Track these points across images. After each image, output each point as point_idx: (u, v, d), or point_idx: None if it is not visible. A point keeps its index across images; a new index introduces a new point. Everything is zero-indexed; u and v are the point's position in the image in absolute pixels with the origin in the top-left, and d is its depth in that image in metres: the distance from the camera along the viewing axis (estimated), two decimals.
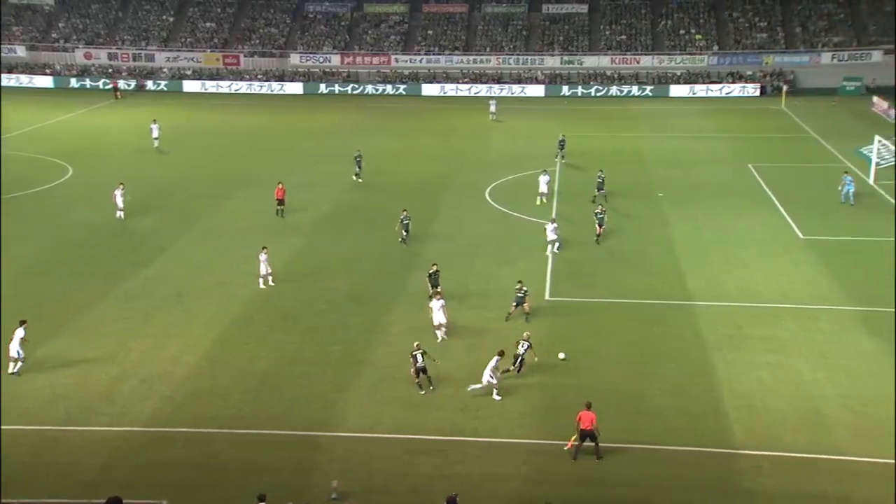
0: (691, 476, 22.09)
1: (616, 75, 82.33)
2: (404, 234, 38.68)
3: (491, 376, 25.70)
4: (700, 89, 79.66)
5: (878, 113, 68.07)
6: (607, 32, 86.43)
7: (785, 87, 76.23)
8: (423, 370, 26.13)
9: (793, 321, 30.27)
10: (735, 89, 79.29)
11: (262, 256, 34.12)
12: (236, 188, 48.58)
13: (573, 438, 22.78)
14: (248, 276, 34.94)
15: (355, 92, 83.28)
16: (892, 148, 47.00)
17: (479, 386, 25.79)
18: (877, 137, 48.82)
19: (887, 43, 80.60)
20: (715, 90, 79.64)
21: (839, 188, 44.34)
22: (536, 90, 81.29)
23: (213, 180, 50.67)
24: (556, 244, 37.45)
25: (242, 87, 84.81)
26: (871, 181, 47.26)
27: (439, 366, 26.57)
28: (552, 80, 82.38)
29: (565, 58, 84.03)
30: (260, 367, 27.73)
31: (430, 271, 32.53)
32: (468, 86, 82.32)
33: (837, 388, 25.89)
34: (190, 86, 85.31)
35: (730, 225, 41.17)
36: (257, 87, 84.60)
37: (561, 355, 27.71)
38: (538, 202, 44.34)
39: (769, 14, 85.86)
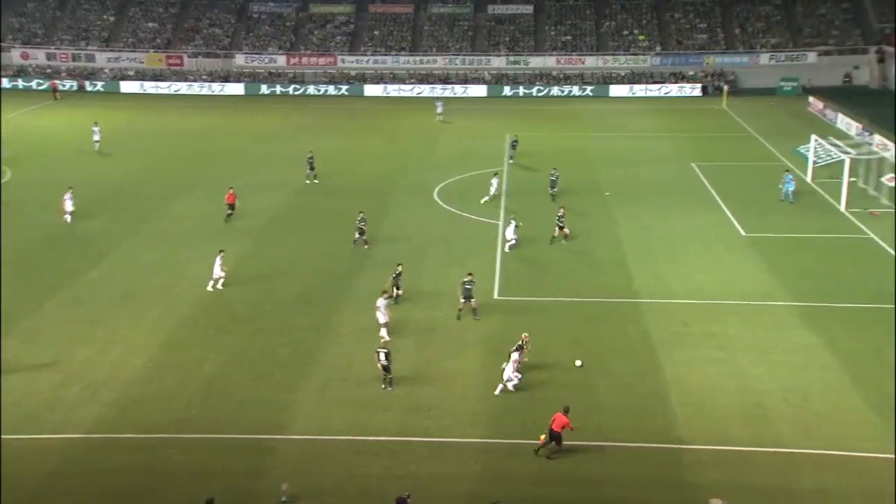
0: (641, 472, 22.39)
1: (562, 75, 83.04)
2: (357, 235, 38.51)
3: (515, 372, 25.92)
4: (640, 89, 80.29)
5: (814, 113, 69.74)
6: (552, 33, 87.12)
7: (726, 87, 77.60)
8: (386, 368, 26.15)
9: (736, 318, 30.86)
10: (677, 89, 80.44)
11: (218, 260, 33.80)
12: (182, 191, 47.91)
13: (543, 437, 22.92)
14: (195, 278, 34.51)
15: (297, 92, 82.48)
16: (829, 147, 48.11)
17: (511, 383, 25.89)
18: (813, 137, 49.95)
19: (821, 44, 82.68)
20: (654, 90, 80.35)
21: (780, 186, 45.34)
22: (479, 90, 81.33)
23: (157, 183, 49.88)
24: (511, 242, 37.81)
25: (182, 87, 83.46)
26: (808, 179, 48.34)
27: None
28: (498, 80, 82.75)
29: (511, 58, 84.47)
30: (207, 371, 27.40)
31: (395, 273, 32.50)
32: (411, 86, 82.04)
33: (779, 382, 26.47)
34: (128, 86, 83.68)
35: (674, 223, 41.82)
36: (198, 88, 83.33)
37: (578, 362, 27.32)
38: (482, 201, 44.59)
39: (709, 15, 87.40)
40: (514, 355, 26.13)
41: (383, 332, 29.38)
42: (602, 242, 39.40)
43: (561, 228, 38.88)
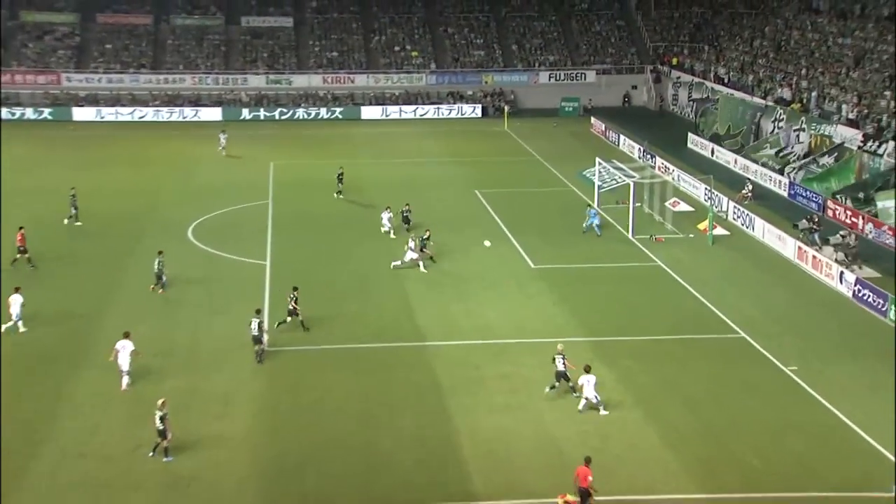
0: None
1: (330, 96, 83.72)
2: (158, 280, 37.60)
3: (595, 393, 28.01)
4: (394, 111, 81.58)
5: (597, 134, 74.52)
6: (317, 49, 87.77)
7: (506, 108, 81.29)
8: (163, 434, 25.16)
9: (530, 357, 32.08)
10: (456, 109, 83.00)
11: (17, 298, 32.58)
12: None
13: (566, 495, 22.72)
14: None
15: None
16: (613, 171, 51.34)
17: (595, 404, 28.07)
18: (598, 160, 53.20)
19: (599, 63, 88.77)
20: (406, 111, 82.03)
21: (584, 223, 47.48)
22: (212, 113, 79.68)
23: None
24: (402, 260, 40.42)
25: None
26: (595, 206, 51.24)
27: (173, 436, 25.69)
28: (258, 101, 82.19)
29: (271, 77, 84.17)
30: None
31: (291, 300, 33.59)
32: (130, 109, 78.88)
33: (576, 425, 27.75)
34: None
35: (459, 255, 43.07)
36: None
37: (486, 243, 30.51)
38: (390, 235, 45.58)
39: (485, 31, 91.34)
40: (587, 379, 28.08)
41: (125, 381, 28.90)
42: (381, 279, 39.91)
43: (423, 249, 41.05)
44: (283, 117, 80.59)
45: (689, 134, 69.11)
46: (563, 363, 29.26)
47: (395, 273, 40.65)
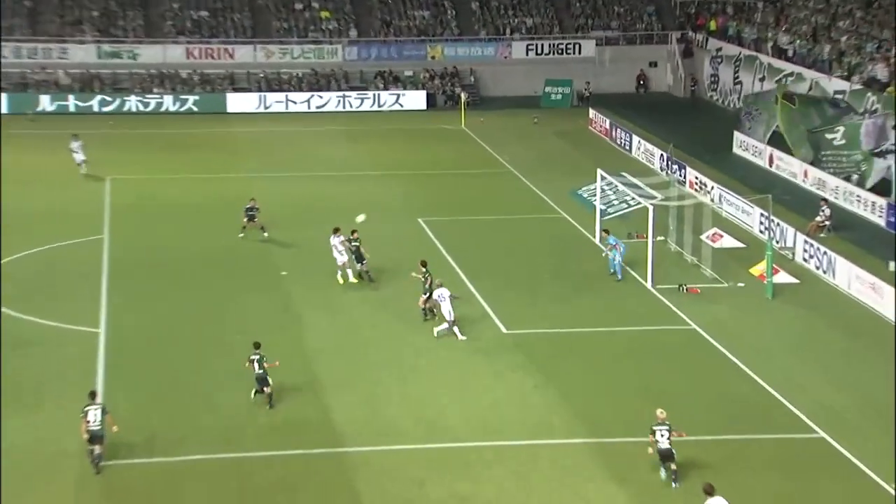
0: None
1: (197, 76, 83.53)
2: None
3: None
4: (277, 99, 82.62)
5: (598, 134, 74.98)
6: (175, 6, 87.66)
7: (464, 96, 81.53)
8: None
9: (499, 467, 31.89)
10: (373, 98, 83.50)
11: None
12: None
13: None
14: None
15: None
16: (622, 188, 51.53)
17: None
18: (599, 172, 53.44)
19: (601, 28, 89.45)
20: (308, 100, 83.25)
21: (603, 254, 47.67)
22: None
23: None
24: (451, 323, 40.90)
25: None
26: (597, 240, 51.39)
27: None
28: (86, 82, 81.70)
29: (106, 48, 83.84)
30: None
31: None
32: None
33: None
34: None
35: (402, 317, 42.90)
36: None
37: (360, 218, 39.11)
38: (340, 279, 45.99)
39: None
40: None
41: None
42: (277, 350, 39.53)
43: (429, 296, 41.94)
44: (106, 109, 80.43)
45: (736, 133, 69.74)
46: (669, 437, 29.70)
47: (297, 342, 40.44)
